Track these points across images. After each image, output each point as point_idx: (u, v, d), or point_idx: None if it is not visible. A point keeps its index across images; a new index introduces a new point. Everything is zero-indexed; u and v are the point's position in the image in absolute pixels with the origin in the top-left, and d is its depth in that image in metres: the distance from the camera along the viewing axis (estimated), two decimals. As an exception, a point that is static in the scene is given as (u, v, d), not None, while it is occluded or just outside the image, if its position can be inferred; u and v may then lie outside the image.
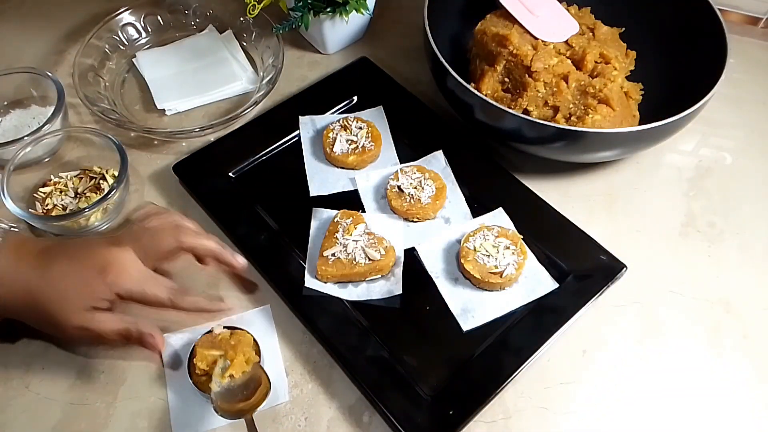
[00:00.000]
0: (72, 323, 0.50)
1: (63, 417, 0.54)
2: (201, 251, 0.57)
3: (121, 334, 0.51)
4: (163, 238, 0.54)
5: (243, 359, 0.53)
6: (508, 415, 0.55)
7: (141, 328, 0.51)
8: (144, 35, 0.83)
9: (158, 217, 0.57)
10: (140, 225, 0.56)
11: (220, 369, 0.52)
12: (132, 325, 0.51)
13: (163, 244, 0.54)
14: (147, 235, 0.54)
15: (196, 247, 0.56)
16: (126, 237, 0.54)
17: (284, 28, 0.76)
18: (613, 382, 0.57)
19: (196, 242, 0.56)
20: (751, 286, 0.64)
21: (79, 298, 0.50)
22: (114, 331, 0.51)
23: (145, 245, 0.53)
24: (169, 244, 0.54)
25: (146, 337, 0.51)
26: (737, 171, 0.73)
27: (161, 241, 0.54)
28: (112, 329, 0.51)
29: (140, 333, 0.51)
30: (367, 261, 0.60)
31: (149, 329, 0.52)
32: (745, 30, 0.89)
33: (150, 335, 0.51)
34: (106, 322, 0.51)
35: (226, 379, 0.52)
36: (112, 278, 0.51)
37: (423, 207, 0.64)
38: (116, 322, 0.51)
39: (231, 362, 0.53)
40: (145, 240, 0.54)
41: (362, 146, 0.69)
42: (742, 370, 0.58)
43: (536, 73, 0.67)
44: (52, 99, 0.71)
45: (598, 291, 0.59)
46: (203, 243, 0.56)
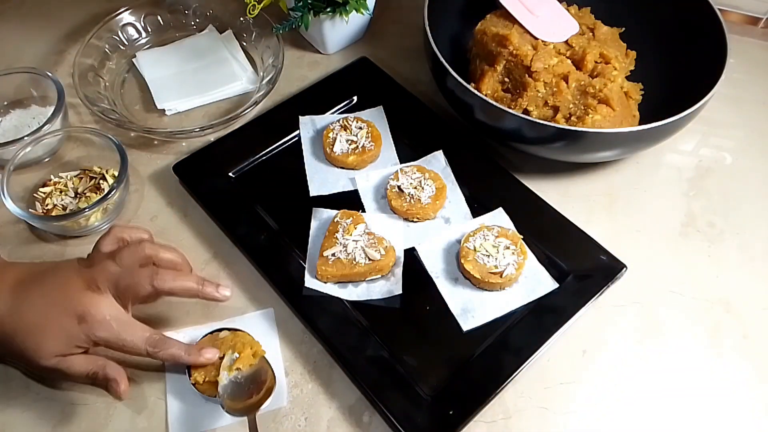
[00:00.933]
0: (43, 365, 0.50)
1: (63, 417, 0.54)
2: (181, 293, 0.55)
3: (89, 376, 0.51)
4: (140, 284, 0.52)
5: (250, 352, 0.53)
6: (508, 415, 0.55)
7: (108, 373, 0.51)
8: (144, 35, 0.83)
9: (130, 251, 0.54)
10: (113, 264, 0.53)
11: (228, 361, 0.52)
12: (100, 369, 0.51)
13: (140, 290, 0.52)
14: (124, 278, 0.52)
15: (175, 290, 0.54)
16: (102, 279, 0.52)
17: (284, 28, 0.76)
18: (613, 382, 0.57)
19: (175, 285, 0.54)
20: (751, 286, 0.64)
21: (54, 343, 0.50)
22: (83, 374, 0.51)
23: (122, 290, 0.52)
24: (146, 289, 0.52)
25: (111, 383, 0.51)
26: (737, 171, 0.73)
27: (138, 287, 0.52)
28: (81, 372, 0.51)
29: (106, 378, 0.51)
30: (367, 261, 0.60)
31: (115, 374, 0.51)
32: (745, 30, 0.89)
33: (115, 381, 0.51)
34: (78, 365, 0.51)
35: (234, 371, 0.52)
36: (90, 327, 0.50)
37: (423, 207, 0.64)
38: (85, 365, 0.51)
39: (239, 355, 0.53)
40: (122, 284, 0.52)
41: (362, 146, 0.69)
42: (742, 370, 0.58)
43: (536, 73, 0.67)
44: (52, 99, 0.71)
45: (598, 291, 0.59)
46: (182, 284, 0.54)
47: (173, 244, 0.65)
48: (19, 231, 0.66)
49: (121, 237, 0.56)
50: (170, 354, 0.52)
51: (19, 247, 0.65)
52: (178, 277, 0.54)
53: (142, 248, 0.54)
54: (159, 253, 0.55)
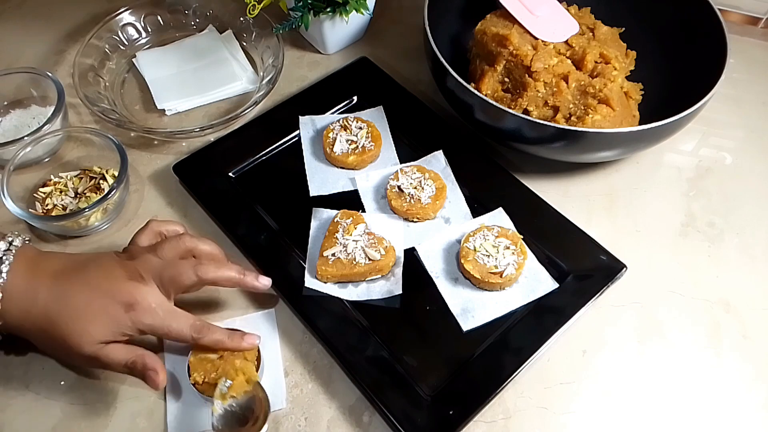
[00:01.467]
0: (85, 352, 0.50)
1: (63, 417, 0.54)
2: (223, 283, 0.56)
3: (128, 365, 0.51)
4: (184, 274, 0.54)
5: (243, 379, 0.52)
6: (508, 415, 0.55)
7: (147, 363, 0.51)
8: (144, 35, 0.83)
9: (171, 244, 0.55)
10: (155, 257, 0.54)
11: (221, 392, 0.51)
12: (139, 359, 0.51)
13: (184, 280, 0.54)
14: (167, 270, 0.53)
15: (218, 280, 0.55)
16: (145, 270, 0.53)
17: (284, 28, 0.76)
18: (613, 382, 0.57)
19: (217, 275, 0.55)
20: (751, 286, 0.64)
21: (101, 330, 0.50)
22: (121, 363, 0.51)
23: (166, 281, 0.53)
24: (191, 279, 0.54)
25: (150, 373, 0.51)
26: (737, 171, 0.73)
27: (182, 277, 0.53)
28: (120, 360, 0.51)
29: (144, 367, 0.51)
30: (367, 261, 0.60)
31: (154, 364, 0.51)
32: (745, 30, 0.89)
33: (154, 370, 0.51)
34: (117, 354, 0.51)
35: (228, 399, 0.51)
36: (137, 314, 0.51)
37: (423, 207, 0.64)
38: (125, 354, 0.51)
39: (232, 383, 0.52)
40: (166, 276, 0.53)
41: (362, 146, 0.69)
42: (742, 370, 0.58)
43: (536, 73, 0.67)
44: (52, 99, 0.71)
45: (598, 291, 0.59)
46: (224, 274, 0.55)
47: (173, 244, 0.65)
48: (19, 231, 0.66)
49: (158, 231, 0.58)
50: (214, 339, 0.53)
51: (19, 247, 0.65)
52: (221, 267, 0.56)
53: (183, 241, 0.56)
54: (198, 246, 0.57)
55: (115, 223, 0.67)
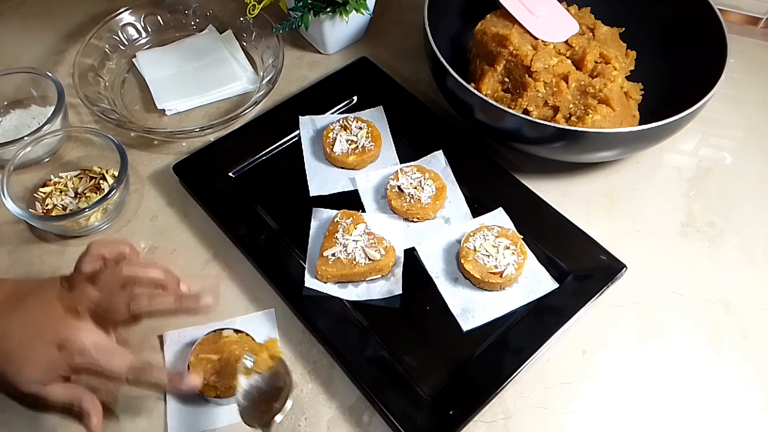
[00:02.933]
0: (24, 391, 0.50)
1: (63, 417, 0.54)
2: (160, 313, 0.53)
3: (66, 405, 0.50)
4: (118, 310, 0.51)
5: (267, 355, 0.52)
6: (508, 415, 0.55)
7: (83, 406, 0.50)
8: (144, 35, 0.83)
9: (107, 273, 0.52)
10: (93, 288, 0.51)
11: (245, 367, 0.51)
12: (76, 400, 0.50)
13: (118, 315, 0.51)
14: (101, 303, 0.51)
15: (154, 312, 0.52)
16: (81, 303, 0.50)
17: (284, 28, 0.76)
18: (613, 382, 0.57)
19: (151, 307, 0.52)
20: (751, 286, 0.64)
21: (34, 371, 0.49)
22: (59, 403, 0.50)
23: (101, 315, 0.51)
24: (123, 315, 0.51)
25: (84, 417, 0.50)
26: (737, 171, 0.73)
27: (116, 313, 0.51)
28: (59, 401, 0.50)
29: (80, 410, 0.50)
30: (367, 261, 0.60)
31: (89, 407, 0.50)
32: (745, 30, 0.89)
33: (88, 415, 0.50)
34: (57, 394, 0.50)
35: (252, 375, 0.51)
36: (70, 355, 0.49)
37: (423, 207, 0.64)
38: (63, 395, 0.50)
39: (256, 358, 0.51)
40: (101, 310, 0.51)
41: (362, 146, 0.69)
42: (742, 370, 0.58)
43: (536, 73, 0.67)
44: (52, 99, 0.71)
45: (598, 291, 0.59)
46: (158, 306, 0.52)
47: (173, 244, 0.65)
48: (19, 231, 0.66)
49: (100, 254, 0.54)
50: (152, 381, 0.50)
51: (19, 247, 0.65)
52: (155, 298, 0.52)
53: (119, 270, 0.52)
54: (138, 273, 0.53)
55: (115, 223, 0.67)
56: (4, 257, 0.64)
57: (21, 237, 0.66)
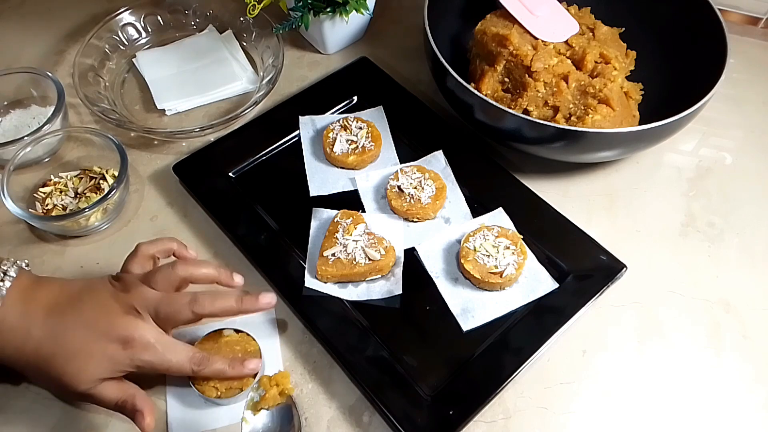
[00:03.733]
0: (79, 390, 0.50)
1: (63, 417, 0.54)
2: (222, 315, 0.54)
3: (118, 405, 0.50)
4: (181, 312, 0.52)
5: (276, 392, 0.51)
6: (508, 415, 0.55)
7: (136, 403, 0.50)
8: (144, 35, 0.83)
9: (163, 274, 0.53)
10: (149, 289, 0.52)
11: (252, 400, 0.50)
12: (129, 398, 0.50)
13: (181, 318, 0.52)
14: (163, 306, 0.52)
15: (216, 313, 0.54)
16: (140, 304, 0.51)
17: (284, 28, 0.76)
18: (613, 382, 0.57)
19: (214, 308, 0.53)
20: (751, 286, 0.64)
21: (98, 369, 0.49)
22: (113, 401, 0.50)
23: (162, 317, 0.52)
24: (187, 317, 0.52)
25: (137, 415, 0.50)
26: (737, 171, 0.73)
27: (179, 315, 0.52)
28: (111, 399, 0.50)
29: (134, 408, 0.50)
30: (367, 261, 0.60)
31: (143, 406, 0.50)
32: (745, 30, 0.89)
33: (141, 413, 0.50)
34: (110, 392, 0.50)
35: (259, 411, 0.51)
36: (135, 352, 0.50)
37: (423, 207, 0.64)
38: (117, 393, 0.50)
39: (264, 393, 0.51)
40: (162, 312, 0.52)
41: (362, 146, 0.69)
42: (742, 370, 0.58)
43: (536, 73, 0.67)
44: (52, 99, 0.71)
45: (598, 291, 0.59)
46: (222, 306, 0.53)
47: (173, 244, 0.65)
48: (19, 231, 0.66)
49: (149, 254, 0.56)
50: (214, 369, 0.52)
51: (19, 247, 0.65)
52: (217, 299, 0.53)
53: (175, 271, 0.53)
54: (193, 273, 0.54)
55: (115, 223, 0.67)
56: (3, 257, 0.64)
57: (21, 237, 0.66)
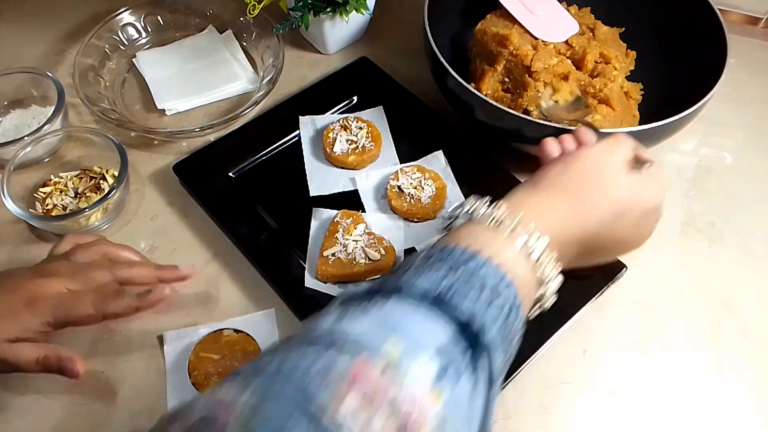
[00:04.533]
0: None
1: (63, 417, 0.54)
2: (139, 281, 0.54)
3: (39, 362, 0.49)
4: (99, 275, 0.52)
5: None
6: (508, 415, 0.55)
7: (60, 353, 0.49)
8: (144, 35, 0.83)
9: (84, 249, 0.54)
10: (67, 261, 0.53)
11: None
12: (51, 351, 0.50)
13: (98, 278, 0.52)
14: (80, 272, 0.51)
15: (134, 276, 0.53)
16: (55, 270, 0.51)
17: (284, 28, 0.76)
18: (614, 381, 0.57)
19: (132, 272, 0.53)
20: (751, 286, 0.64)
21: (3, 331, 0.49)
22: (32, 361, 0.49)
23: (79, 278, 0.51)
24: (104, 277, 0.52)
25: (65, 362, 0.49)
26: (737, 171, 0.73)
27: (96, 276, 0.52)
28: (30, 358, 0.49)
29: (58, 359, 0.49)
30: (367, 261, 0.60)
31: (68, 353, 0.50)
32: (745, 30, 0.89)
33: (69, 359, 0.49)
34: (26, 352, 0.49)
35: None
36: (36, 308, 0.49)
37: (423, 207, 0.64)
38: (35, 351, 0.50)
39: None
40: (80, 277, 0.51)
41: (362, 146, 0.69)
42: (742, 370, 0.58)
43: (536, 73, 0.67)
44: (52, 99, 0.71)
45: (598, 291, 0.59)
46: (138, 271, 0.53)
47: (173, 244, 0.65)
48: (19, 231, 0.66)
49: (74, 242, 0.57)
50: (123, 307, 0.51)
51: (19, 247, 0.65)
52: (135, 264, 0.55)
53: (96, 246, 0.55)
54: (113, 250, 0.55)
55: (115, 223, 0.67)
56: (4, 257, 0.64)
57: (21, 237, 0.66)
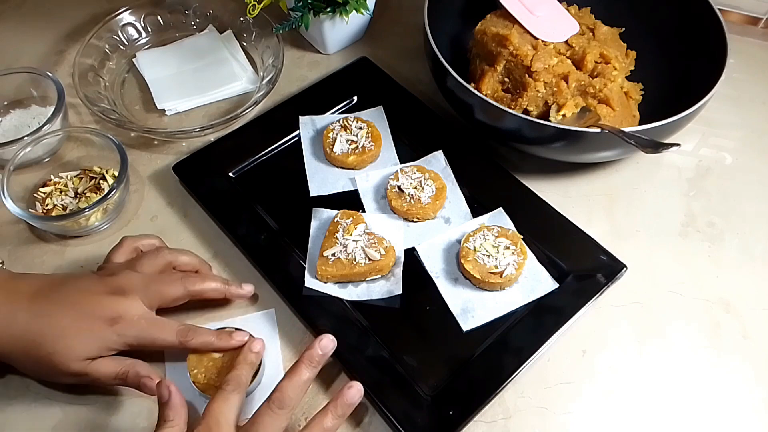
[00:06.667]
0: (72, 369, 0.50)
1: (63, 417, 0.54)
2: (209, 294, 0.57)
3: (119, 377, 0.51)
4: (171, 286, 0.54)
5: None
6: (508, 415, 0.55)
7: (139, 370, 0.51)
8: (144, 35, 0.83)
9: (149, 258, 0.56)
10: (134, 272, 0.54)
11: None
12: (130, 368, 0.51)
13: (172, 292, 0.54)
14: (152, 284, 0.53)
15: (205, 291, 0.56)
16: (127, 284, 0.53)
17: (284, 28, 0.76)
18: (613, 382, 0.57)
19: (204, 287, 0.56)
20: (751, 286, 0.64)
21: (86, 347, 0.50)
22: (112, 375, 0.51)
23: (151, 294, 0.53)
24: (178, 291, 0.54)
25: (144, 380, 0.51)
26: (737, 171, 0.73)
27: (170, 289, 0.54)
28: (110, 373, 0.51)
29: (137, 375, 0.51)
30: (367, 261, 0.60)
31: (146, 371, 0.51)
32: (745, 30, 0.89)
33: (148, 378, 0.51)
34: (106, 367, 0.51)
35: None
36: (122, 328, 0.51)
37: (423, 207, 0.64)
38: (115, 366, 0.51)
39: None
40: (152, 289, 0.53)
41: (362, 146, 0.69)
42: (742, 370, 0.58)
43: (536, 73, 0.67)
44: (52, 99, 0.71)
45: (598, 291, 0.59)
46: (210, 285, 0.56)
47: (173, 244, 0.65)
48: (19, 231, 0.66)
49: (134, 246, 0.58)
50: (201, 341, 0.53)
51: (19, 247, 0.65)
52: (206, 279, 0.57)
53: (161, 255, 0.57)
54: (177, 258, 0.58)
55: (115, 223, 0.67)
56: (4, 257, 0.64)
57: (21, 237, 0.66)
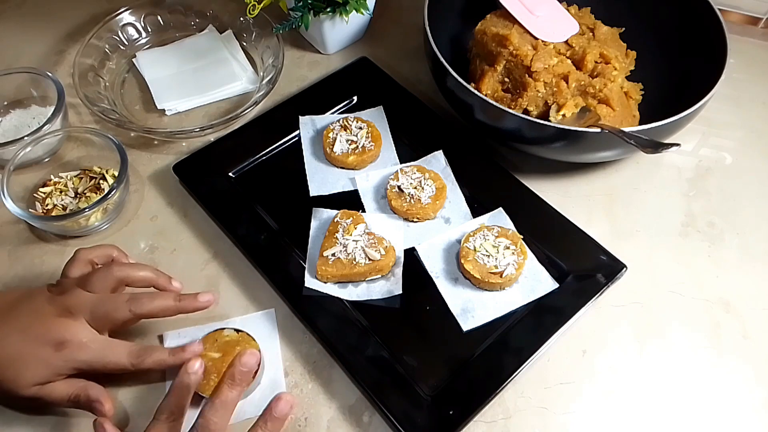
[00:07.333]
0: (23, 395, 0.50)
1: (63, 417, 0.54)
2: (160, 314, 0.54)
3: (71, 400, 0.50)
4: (118, 311, 0.52)
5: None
6: (508, 415, 0.55)
7: (90, 394, 0.50)
8: (144, 35, 0.83)
9: (99, 276, 0.53)
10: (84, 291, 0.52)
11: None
12: (82, 391, 0.50)
13: (118, 316, 0.52)
14: (99, 306, 0.51)
15: (154, 312, 0.53)
16: (75, 305, 0.51)
17: (284, 28, 0.76)
18: (613, 382, 0.57)
19: (153, 306, 0.53)
20: (751, 286, 0.64)
21: (34, 375, 0.49)
22: (64, 399, 0.50)
23: (98, 317, 0.51)
24: (124, 315, 0.52)
25: (95, 404, 0.50)
26: (737, 171, 0.73)
27: (116, 314, 0.52)
28: (62, 397, 0.50)
29: (88, 399, 0.50)
30: (367, 261, 0.60)
31: (98, 395, 0.50)
32: (745, 30, 0.89)
33: (98, 401, 0.50)
34: (58, 391, 0.50)
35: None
36: (70, 353, 0.50)
37: (423, 207, 0.64)
38: (66, 390, 0.50)
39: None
40: (99, 312, 0.51)
41: (362, 146, 0.69)
42: (742, 370, 0.58)
43: (536, 73, 0.67)
44: (52, 99, 0.71)
45: (598, 291, 0.59)
46: (159, 305, 0.53)
47: (173, 244, 0.65)
48: (19, 231, 0.66)
49: (88, 259, 0.56)
50: (155, 360, 0.51)
51: (19, 247, 0.65)
52: (155, 298, 0.53)
53: (111, 272, 0.53)
54: (130, 274, 0.54)
55: (115, 223, 0.67)
56: (4, 257, 0.64)
57: (21, 237, 0.66)
